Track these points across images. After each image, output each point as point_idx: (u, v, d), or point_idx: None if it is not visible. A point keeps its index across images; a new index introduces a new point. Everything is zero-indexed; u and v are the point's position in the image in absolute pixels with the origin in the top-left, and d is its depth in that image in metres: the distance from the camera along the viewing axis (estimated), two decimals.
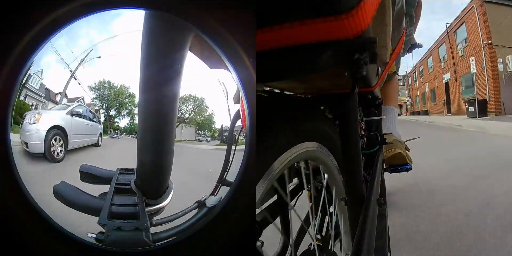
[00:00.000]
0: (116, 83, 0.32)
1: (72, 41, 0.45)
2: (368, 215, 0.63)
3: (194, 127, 0.47)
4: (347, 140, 0.64)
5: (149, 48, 0.44)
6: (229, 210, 0.39)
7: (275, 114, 0.47)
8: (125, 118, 0.34)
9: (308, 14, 0.33)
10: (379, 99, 1.27)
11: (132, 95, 0.33)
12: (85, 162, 0.45)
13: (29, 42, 0.35)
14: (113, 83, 0.33)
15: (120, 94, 0.33)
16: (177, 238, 0.43)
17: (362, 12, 0.34)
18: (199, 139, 0.51)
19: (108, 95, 0.32)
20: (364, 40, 0.37)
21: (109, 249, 0.40)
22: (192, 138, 0.51)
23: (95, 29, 0.46)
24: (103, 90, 0.33)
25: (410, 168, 1.72)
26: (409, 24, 1.64)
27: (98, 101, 0.32)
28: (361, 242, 0.54)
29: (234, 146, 0.62)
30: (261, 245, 0.48)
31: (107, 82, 0.32)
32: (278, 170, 0.45)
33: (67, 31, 0.38)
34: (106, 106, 0.32)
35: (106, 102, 0.32)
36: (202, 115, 0.44)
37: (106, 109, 0.32)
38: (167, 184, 0.52)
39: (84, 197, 0.46)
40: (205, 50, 0.45)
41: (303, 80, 0.67)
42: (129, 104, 0.33)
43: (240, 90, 0.39)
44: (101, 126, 0.38)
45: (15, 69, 0.35)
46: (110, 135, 0.35)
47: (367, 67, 0.40)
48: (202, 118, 0.46)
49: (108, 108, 0.33)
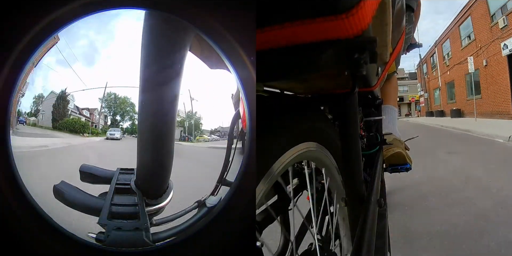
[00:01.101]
0: (120, 95, 0.41)
1: (72, 41, 0.45)
2: (368, 215, 0.63)
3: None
4: (347, 140, 0.64)
5: (149, 48, 0.44)
6: (229, 210, 0.39)
7: (275, 114, 0.47)
8: (127, 122, 0.44)
9: (308, 14, 0.33)
10: (379, 99, 1.27)
11: (133, 104, 0.42)
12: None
13: (29, 42, 0.35)
14: (118, 95, 0.41)
15: (123, 104, 0.41)
16: (177, 238, 0.43)
17: (362, 12, 0.34)
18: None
19: (114, 105, 0.42)
20: (364, 39, 0.37)
21: (109, 249, 0.40)
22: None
23: (95, 29, 0.46)
24: (110, 100, 0.42)
25: (410, 168, 1.72)
26: (409, 22, 1.65)
27: (106, 109, 0.42)
28: (361, 242, 0.54)
29: (234, 146, 0.62)
30: (261, 245, 0.48)
31: (113, 93, 0.41)
32: (278, 170, 0.45)
33: (67, 31, 0.38)
34: (112, 112, 0.42)
35: (112, 109, 0.42)
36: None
37: (113, 115, 0.42)
38: (167, 184, 0.52)
39: (84, 197, 0.46)
40: (205, 50, 0.46)
41: (303, 80, 0.67)
42: (131, 111, 0.42)
43: (240, 90, 0.39)
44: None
45: (15, 69, 0.35)
46: (109, 134, 0.44)
47: (367, 67, 0.40)
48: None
49: (115, 114, 0.42)
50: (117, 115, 0.40)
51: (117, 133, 0.43)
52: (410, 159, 1.72)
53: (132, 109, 0.41)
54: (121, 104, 0.41)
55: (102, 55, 0.48)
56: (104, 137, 0.45)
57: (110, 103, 0.41)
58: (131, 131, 0.41)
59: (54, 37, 0.38)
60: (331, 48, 0.37)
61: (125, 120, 0.42)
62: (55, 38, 0.39)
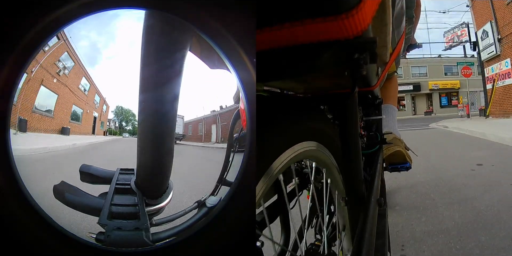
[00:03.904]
0: (126, 107, 0.54)
1: (72, 41, 0.45)
2: (368, 215, 0.63)
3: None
4: (347, 140, 0.64)
5: (149, 48, 0.44)
6: (229, 210, 0.39)
7: (275, 114, 0.47)
8: (130, 126, 0.58)
9: (308, 14, 0.33)
10: (379, 98, 1.27)
11: (134, 115, 0.55)
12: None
13: (29, 42, 0.35)
14: (123, 107, 0.55)
15: (127, 114, 0.56)
16: (177, 238, 0.43)
17: (362, 12, 0.34)
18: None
19: (121, 114, 0.56)
20: (364, 40, 0.37)
21: (109, 249, 0.40)
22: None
23: (95, 29, 0.46)
24: (118, 110, 0.56)
25: (410, 167, 1.72)
26: (408, 22, 1.65)
27: (115, 117, 0.57)
28: (361, 242, 0.54)
29: (234, 146, 0.62)
30: (261, 245, 0.48)
31: (120, 107, 0.55)
32: (278, 170, 0.45)
33: (67, 31, 0.38)
34: (120, 120, 0.57)
35: (119, 118, 0.57)
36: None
37: (120, 121, 0.57)
38: (167, 184, 0.52)
39: (84, 197, 0.46)
40: (205, 50, 0.46)
41: (303, 80, 0.67)
42: (133, 120, 0.56)
43: (240, 90, 0.39)
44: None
45: (15, 69, 0.35)
46: (123, 136, 0.58)
47: (367, 67, 0.40)
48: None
49: (121, 121, 0.57)
50: (123, 121, 0.57)
51: (126, 135, 0.60)
52: (410, 158, 1.72)
53: (134, 117, 0.55)
54: (126, 113, 0.56)
55: (102, 55, 0.48)
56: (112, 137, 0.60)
57: (118, 113, 0.57)
58: (133, 133, 0.56)
59: (57, 36, 0.38)
60: (331, 48, 0.37)
61: (128, 125, 0.57)
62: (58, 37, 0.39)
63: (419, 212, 1.88)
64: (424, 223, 1.69)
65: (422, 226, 1.65)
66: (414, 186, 2.46)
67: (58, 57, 0.46)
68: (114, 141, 0.57)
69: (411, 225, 1.68)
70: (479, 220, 1.67)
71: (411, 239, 1.51)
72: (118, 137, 0.56)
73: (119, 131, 0.55)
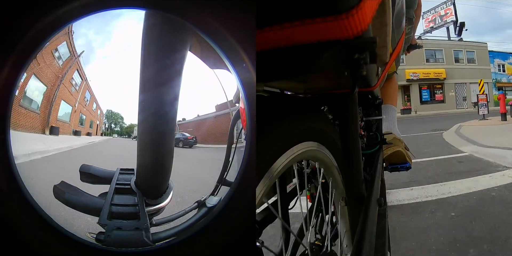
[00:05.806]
0: (115, 110, 0.62)
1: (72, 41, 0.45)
2: (368, 215, 0.64)
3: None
4: (347, 140, 0.64)
5: (149, 48, 0.44)
6: (229, 210, 0.39)
7: (275, 114, 0.47)
8: (117, 128, 0.64)
9: (308, 14, 0.33)
10: (379, 99, 1.27)
11: (122, 117, 0.62)
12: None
13: (29, 42, 0.35)
14: (113, 111, 0.62)
15: (116, 117, 0.62)
16: (177, 238, 0.43)
17: (362, 12, 0.34)
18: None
19: (111, 117, 0.63)
20: (364, 40, 0.37)
21: (109, 249, 0.40)
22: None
23: (95, 29, 0.46)
24: (109, 113, 0.62)
25: (410, 167, 1.72)
26: (408, 22, 1.64)
27: (106, 120, 0.63)
28: (361, 242, 0.54)
29: (234, 146, 0.62)
30: (261, 245, 0.48)
31: (110, 110, 0.62)
32: (278, 170, 0.45)
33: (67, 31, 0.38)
34: (110, 122, 0.63)
35: (109, 120, 0.63)
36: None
37: (110, 124, 0.63)
38: (167, 184, 0.52)
39: (84, 197, 0.46)
40: (205, 50, 0.45)
41: (303, 80, 0.67)
42: (122, 122, 0.63)
43: (240, 90, 0.39)
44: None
45: (15, 69, 0.35)
46: (113, 136, 0.64)
47: (367, 67, 0.40)
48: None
49: (111, 123, 0.63)
50: (112, 123, 0.63)
51: (115, 135, 0.66)
52: (410, 158, 1.72)
53: (122, 120, 0.63)
54: (115, 116, 0.63)
55: (102, 55, 0.48)
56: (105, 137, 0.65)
57: (109, 115, 0.63)
58: (120, 133, 0.64)
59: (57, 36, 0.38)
60: (331, 48, 0.37)
61: (117, 126, 0.64)
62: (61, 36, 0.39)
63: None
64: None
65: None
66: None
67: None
68: (110, 140, 0.64)
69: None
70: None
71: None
72: (110, 137, 0.64)
73: (109, 132, 0.64)
